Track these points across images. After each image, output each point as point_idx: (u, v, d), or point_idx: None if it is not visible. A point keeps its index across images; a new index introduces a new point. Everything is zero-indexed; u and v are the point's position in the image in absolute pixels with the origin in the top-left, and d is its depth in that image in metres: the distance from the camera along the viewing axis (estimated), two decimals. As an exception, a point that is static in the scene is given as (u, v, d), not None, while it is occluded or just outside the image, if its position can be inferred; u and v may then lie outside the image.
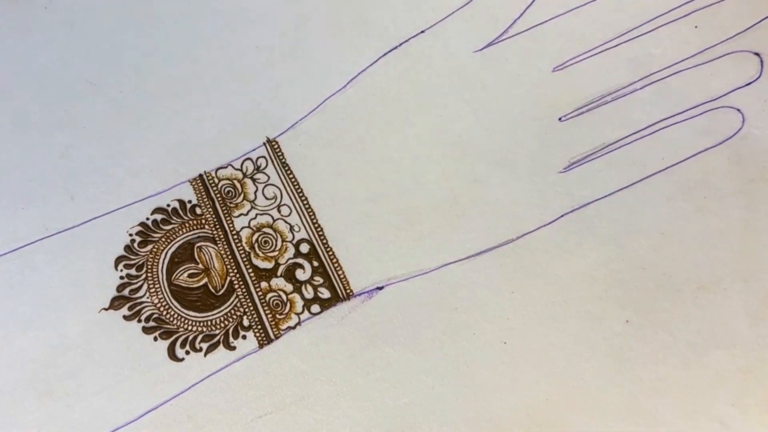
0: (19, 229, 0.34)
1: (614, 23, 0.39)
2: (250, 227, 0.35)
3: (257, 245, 0.35)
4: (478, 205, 0.35)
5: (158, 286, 0.34)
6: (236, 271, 0.34)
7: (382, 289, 0.34)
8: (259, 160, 0.37)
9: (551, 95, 0.38)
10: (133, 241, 0.35)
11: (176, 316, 0.33)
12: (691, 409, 0.32)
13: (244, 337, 0.33)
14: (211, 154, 0.36)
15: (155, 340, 0.33)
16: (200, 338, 0.33)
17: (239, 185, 0.36)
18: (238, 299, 0.34)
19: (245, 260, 0.35)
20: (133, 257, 0.34)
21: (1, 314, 0.33)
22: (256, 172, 0.37)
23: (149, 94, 0.38)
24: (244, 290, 0.34)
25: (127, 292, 0.34)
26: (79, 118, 0.37)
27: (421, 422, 0.32)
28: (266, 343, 0.33)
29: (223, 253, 0.35)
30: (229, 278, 0.34)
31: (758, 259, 0.34)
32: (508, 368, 0.32)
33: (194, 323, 0.33)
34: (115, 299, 0.33)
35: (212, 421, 0.32)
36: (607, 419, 0.32)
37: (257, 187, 0.36)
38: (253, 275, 0.34)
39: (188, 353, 0.33)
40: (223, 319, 0.33)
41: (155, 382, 0.32)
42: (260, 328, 0.33)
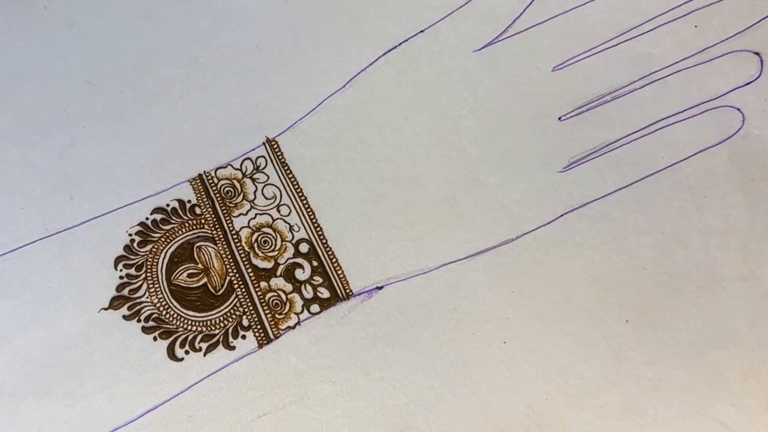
0: (18, 229, 0.35)
1: (614, 23, 0.39)
2: (249, 227, 0.35)
3: (257, 245, 0.35)
4: (477, 204, 0.35)
5: (158, 285, 0.34)
6: (236, 270, 0.34)
7: (381, 288, 0.34)
8: (258, 159, 0.37)
9: (551, 95, 0.38)
10: (132, 240, 0.35)
11: (176, 315, 0.33)
12: (691, 409, 0.32)
13: (243, 336, 0.33)
14: (210, 153, 0.36)
15: (155, 339, 0.33)
16: (200, 338, 0.33)
17: (239, 185, 0.36)
18: (237, 299, 0.34)
19: (245, 260, 0.35)
20: (132, 257, 0.34)
21: (0, 314, 0.33)
22: (255, 171, 0.37)
23: (149, 94, 0.38)
24: (243, 290, 0.34)
25: (126, 291, 0.34)
26: (78, 118, 0.37)
27: (420, 422, 0.32)
28: (266, 342, 0.33)
29: (222, 252, 0.35)
30: (228, 278, 0.34)
31: (758, 259, 0.34)
32: (507, 368, 0.32)
33: (194, 323, 0.33)
34: (114, 299, 0.33)
35: (212, 420, 0.32)
36: (607, 419, 0.32)
37: (257, 186, 0.36)
38: (252, 275, 0.34)
39: (188, 353, 0.33)
40: (222, 318, 0.33)
41: (155, 381, 0.32)
42: (260, 327, 0.33)
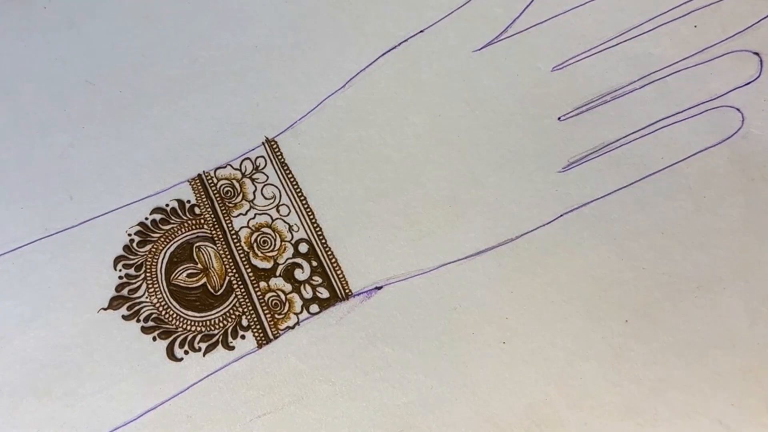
0: (18, 228, 0.35)
1: (614, 23, 0.39)
2: (248, 227, 0.35)
3: (256, 245, 0.35)
4: (477, 204, 0.35)
5: (157, 285, 0.34)
6: (235, 270, 0.34)
7: (381, 288, 0.34)
8: (258, 159, 0.37)
9: (551, 95, 0.38)
10: (132, 240, 0.35)
11: (175, 315, 0.33)
12: (691, 409, 0.32)
13: (242, 337, 0.33)
14: (209, 153, 0.36)
15: (154, 339, 0.33)
16: (199, 338, 0.33)
17: (238, 185, 0.36)
18: (236, 299, 0.34)
19: (244, 260, 0.35)
20: (132, 257, 0.34)
21: (0, 314, 0.33)
22: (255, 171, 0.37)
23: (148, 94, 0.38)
24: (242, 290, 0.34)
25: (126, 291, 0.34)
26: (78, 118, 0.37)
27: (420, 422, 0.32)
28: (265, 343, 0.33)
29: (222, 252, 0.35)
30: (227, 278, 0.34)
31: (758, 259, 0.34)
32: (507, 368, 0.32)
33: (193, 323, 0.33)
34: (114, 299, 0.33)
35: (211, 420, 0.32)
36: (606, 419, 0.32)
37: (256, 186, 0.36)
38: (251, 275, 0.34)
39: (187, 353, 0.33)
40: (221, 318, 0.33)
41: (154, 381, 0.32)
42: (259, 328, 0.33)
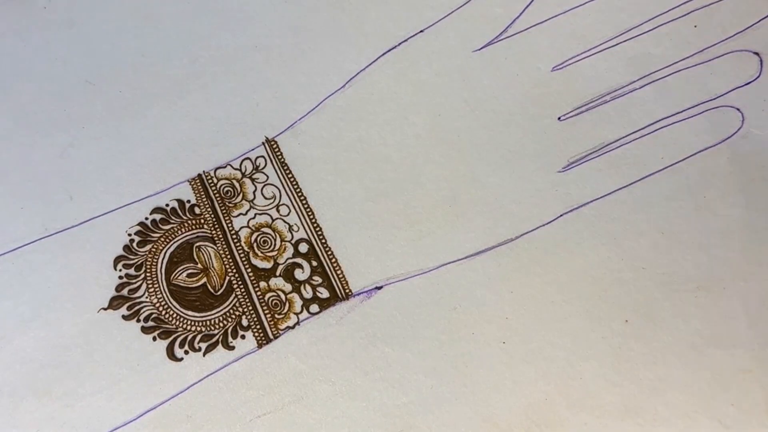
0: (18, 228, 0.35)
1: (613, 23, 0.39)
2: (249, 227, 0.35)
3: (256, 245, 0.35)
4: (477, 204, 0.35)
5: (157, 285, 0.34)
6: (235, 270, 0.34)
7: (381, 288, 0.34)
8: (258, 159, 0.37)
9: (550, 95, 0.38)
10: (132, 240, 0.35)
11: (175, 315, 0.33)
12: (691, 409, 0.32)
13: (243, 336, 0.33)
14: (209, 153, 0.36)
15: (154, 339, 0.33)
16: (199, 338, 0.33)
17: (238, 185, 0.36)
18: (236, 299, 0.34)
19: (244, 260, 0.35)
20: (132, 257, 0.34)
21: (0, 314, 0.33)
22: (255, 171, 0.37)
23: (148, 94, 0.38)
24: (242, 290, 0.34)
25: (126, 291, 0.34)
26: (78, 118, 0.37)
27: (419, 422, 0.32)
28: (265, 342, 0.33)
29: (222, 252, 0.35)
30: (227, 278, 0.34)
31: (758, 259, 0.34)
32: (507, 368, 0.32)
33: (193, 323, 0.33)
34: (114, 299, 0.33)
35: (211, 420, 0.32)
36: (606, 419, 0.32)
37: (256, 186, 0.36)
38: (252, 275, 0.34)
39: (187, 353, 0.33)
40: (221, 318, 0.33)
41: (154, 381, 0.32)
42: (259, 327, 0.33)
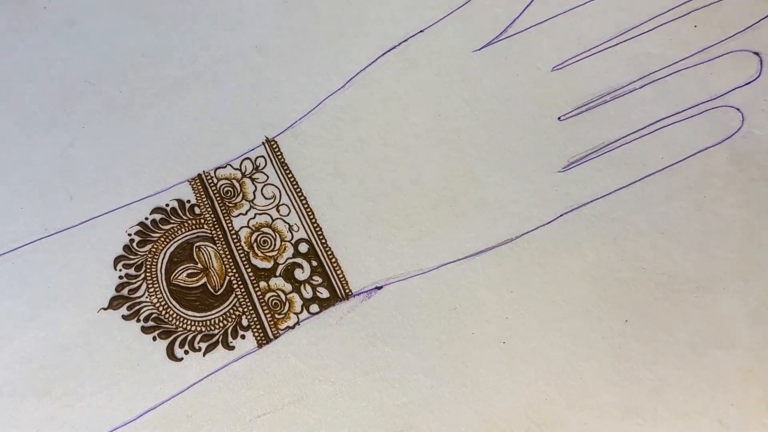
0: (18, 228, 0.35)
1: (613, 23, 0.39)
2: (249, 227, 0.35)
3: (256, 245, 0.35)
4: (477, 204, 0.35)
5: (157, 285, 0.34)
6: (235, 270, 0.34)
7: (381, 288, 0.34)
8: (258, 159, 0.37)
9: (550, 95, 0.38)
10: (132, 240, 0.35)
11: (175, 315, 0.33)
12: (691, 409, 0.32)
13: (243, 336, 0.33)
14: (210, 153, 0.36)
15: (154, 339, 0.33)
16: (199, 338, 0.33)
17: (238, 185, 0.36)
18: (236, 299, 0.34)
19: (244, 260, 0.35)
20: (132, 257, 0.34)
21: (0, 314, 0.33)
22: (255, 171, 0.37)
23: (148, 94, 0.38)
24: (242, 290, 0.34)
25: (126, 291, 0.34)
26: (78, 118, 0.37)
27: (419, 422, 0.32)
28: (265, 342, 0.33)
29: (222, 252, 0.35)
30: (227, 278, 0.34)
31: (758, 259, 0.34)
32: (507, 368, 0.32)
33: (193, 323, 0.33)
34: (114, 299, 0.33)
35: (211, 420, 0.32)
36: (606, 419, 0.32)
37: (256, 186, 0.36)
38: (252, 275, 0.34)
39: (187, 353, 0.33)
40: (221, 318, 0.33)
41: (154, 381, 0.32)
42: (259, 327, 0.33)
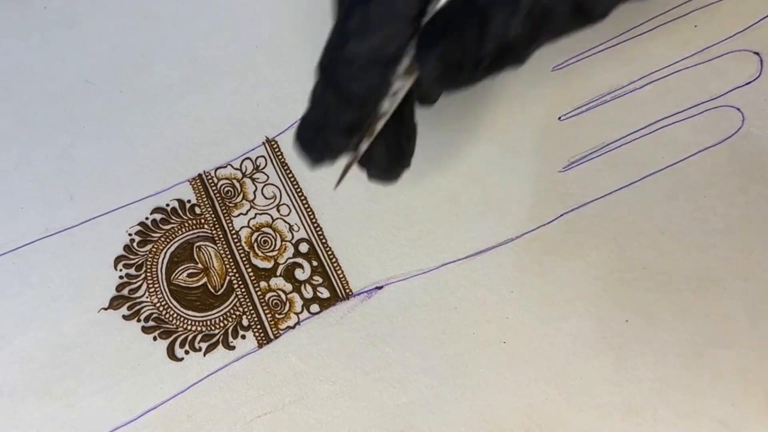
0: (18, 228, 0.35)
1: (613, 23, 0.39)
2: (249, 227, 0.35)
3: (256, 245, 0.35)
4: (477, 204, 0.35)
5: (157, 285, 0.34)
6: (235, 270, 0.34)
7: (381, 288, 0.34)
8: (258, 159, 0.37)
9: (550, 95, 0.38)
10: (132, 240, 0.35)
11: (175, 315, 0.33)
12: (691, 409, 0.32)
13: (243, 336, 0.33)
14: (210, 153, 0.36)
15: (154, 339, 0.33)
16: (199, 338, 0.33)
17: (238, 185, 0.36)
18: (237, 299, 0.34)
19: (244, 260, 0.35)
20: (132, 257, 0.34)
21: (0, 314, 0.33)
22: (255, 171, 0.37)
23: (149, 94, 0.38)
24: (243, 290, 0.34)
25: (126, 291, 0.34)
26: (78, 118, 0.37)
27: (420, 422, 0.32)
28: (265, 342, 0.33)
29: (222, 252, 0.35)
30: (228, 278, 0.34)
31: (758, 259, 0.34)
32: (507, 368, 0.32)
33: (193, 323, 0.33)
34: (114, 299, 0.33)
35: (211, 420, 0.32)
36: (606, 419, 0.32)
37: (256, 186, 0.36)
38: (252, 275, 0.34)
39: (187, 353, 0.33)
40: (222, 318, 0.33)
41: (154, 381, 0.32)
42: (259, 327, 0.33)
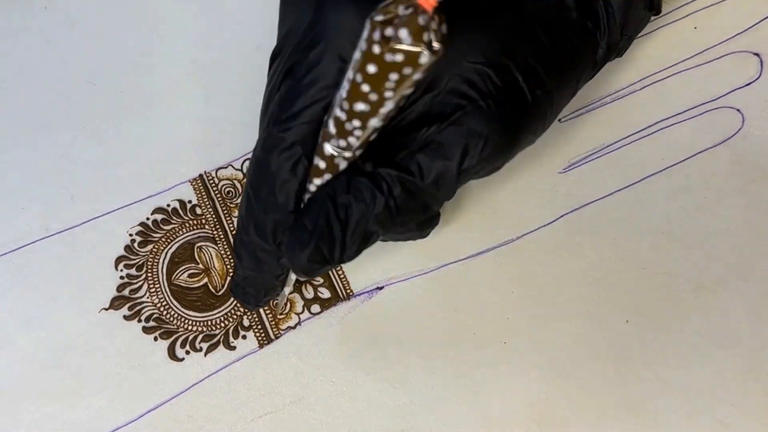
0: (19, 228, 0.34)
1: (614, 23, 0.39)
2: (250, 227, 0.35)
3: (257, 245, 0.35)
4: (478, 205, 0.35)
5: (158, 286, 0.34)
6: (236, 271, 0.34)
7: (382, 289, 0.34)
8: (259, 160, 0.37)
9: (551, 95, 0.38)
10: (133, 241, 0.35)
11: (176, 316, 0.33)
12: (691, 409, 0.32)
13: (244, 337, 0.33)
14: (211, 154, 0.36)
15: (155, 340, 0.33)
16: (200, 338, 0.33)
17: (239, 185, 0.36)
18: (238, 299, 0.34)
19: (245, 260, 0.35)
20: (133, 257, 0.34)
21: (1, 314, 0.33)
22: (256, 172, 0.36)
23: (149, 94, 0.38)
24: (244, 290, 0.34)
25: (127, 292, 0.34)
26: (79, 118, 0.37)
27: (420, 422, 0.32)
28: (266, 343, 0.33)
29: (223, 253, 0.35)
30: (229, 278, 0.34)
31: (758, 259, 0.34)
32: (508, 368, 0.32)
33: (194, 323, 0.33)
34: (115, 299, 0.33)
35: (212, 420, 0.32)
36: (607, 419, 0.32)
37: (257, 187, 0.36)
38: (253, 275, 0.34)
39: (188, 353, 0.33)
40: (223, 319, 0.33)
41: (155, 381, 0.32)
42: (260, 328, 0.33)
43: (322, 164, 0.25)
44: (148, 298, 0.34)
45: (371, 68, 0.20)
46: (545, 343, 0.33)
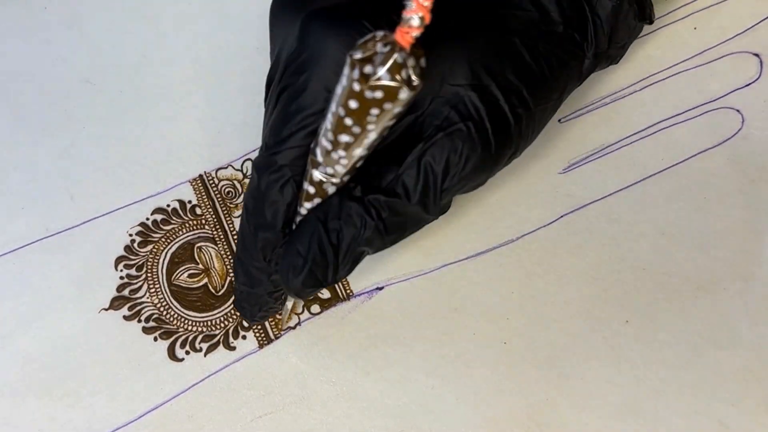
0: (18, 229, 0.34)
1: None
2: (250, 227, 0.35)
3: (257, 245, 0.35)
4: (478, 205, 0.35)
5: (158, 286, 0.34)
6: (236, 271, 0.34)
7: (381, 289, 0.34)
8: (259, 160, 0.37)
9: (551, 95, 0.38)
10: (133, 241, 0.35)
11: (176, 316, 0.33)
12: (691, 409, 0.32)
13: (244, 337, 0.33)
14: (211, 154, 0.36)
15: (155, 340, 0.33)
16: (200, 338, 0.33)
17: (239, 185, 0.36)
18: (238, 299, 0.34)
19: (245, 260, 0.35)
20: (133, 257, 0.34)
21: (1, 314, 0.33)
22: (256, 172, 0.36)
23: (149, 94, 0.38)
24: (244, 290, 0.34)
25: (127, 292, 0.34)
26: (79, 118, 0.37)
27: (420, 422, 0.32)
28: (266, 343, 0.33)
29: (223, 253, 0.35)
30: (229, 278, 0.34)
31: (758, 259, 0.34)
32: (507, 368, 0.32)
33: (194, 323, 0.33)
34: (115, 299, 0.33)
35: (212, 420, 0.32)
36: (607, 419, 0.32)
37: (257, 187, 0.36)
38: (253, 275, 0.34)
39: (188, 353, 0.33)
40: (223, 319, 0.33)
41: (155, 382, 0.32)
42: (260, 328, 0.33)
43: (311, 189, 0.25)
44: (148, 298, 0.34)
45: (353, 104, 0.21)
46: (545, 343, 0.33)
